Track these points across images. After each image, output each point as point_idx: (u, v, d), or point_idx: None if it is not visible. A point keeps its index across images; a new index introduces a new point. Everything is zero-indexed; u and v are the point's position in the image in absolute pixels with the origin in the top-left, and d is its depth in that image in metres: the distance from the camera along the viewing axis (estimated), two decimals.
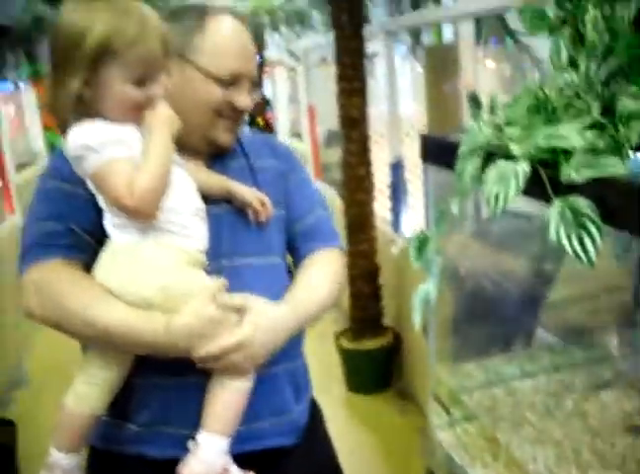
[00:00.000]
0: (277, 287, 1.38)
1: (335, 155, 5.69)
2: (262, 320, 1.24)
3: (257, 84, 1.42)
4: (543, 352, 1.74)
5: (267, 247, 1.41)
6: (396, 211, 3.85)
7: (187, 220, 1.23)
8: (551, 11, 1.21)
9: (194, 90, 1.33)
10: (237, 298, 1.23)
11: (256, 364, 1.25)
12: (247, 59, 1.38)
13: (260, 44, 8.65)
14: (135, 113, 1.19)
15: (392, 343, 3.76)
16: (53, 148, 9.69)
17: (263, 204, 1.39)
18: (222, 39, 1.35)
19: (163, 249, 1.19)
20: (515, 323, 1.94)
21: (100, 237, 1.26)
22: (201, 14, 1.36)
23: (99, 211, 1.25)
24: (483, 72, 4.16)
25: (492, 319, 1.91)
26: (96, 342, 1.23)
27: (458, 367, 1.69)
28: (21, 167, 7.08)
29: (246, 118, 1.45)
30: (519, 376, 1.60)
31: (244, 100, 1.36)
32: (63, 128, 1.18)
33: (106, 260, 1.22)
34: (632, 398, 1.46)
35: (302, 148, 6.31)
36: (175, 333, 1.17)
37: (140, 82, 1.17)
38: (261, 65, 8.88)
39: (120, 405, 1.31)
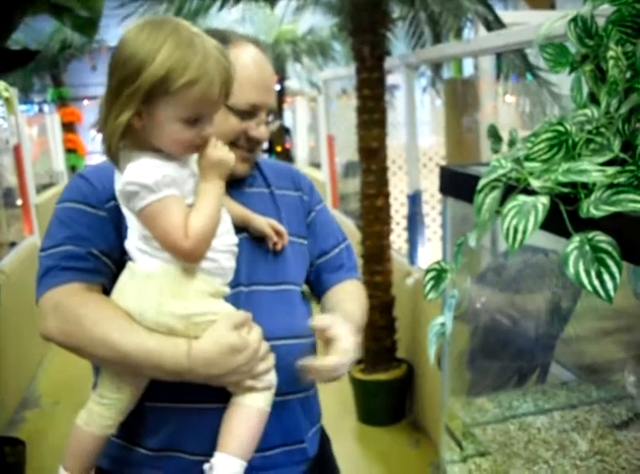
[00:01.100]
0: (292, 314, 1.38)
1: (352, 186, 5.73)
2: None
3: (275, 113, 1.42)
4: (558, 388, 1.72)
5: (283, 275, 1.41)
6: (413, 243, 3.85)
7: (218, 255, 1.22)
8: (572, 48, 1.21)
9: None
10: (232, 337, 1.20)
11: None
12: (266, 90, 1.36)
13: (281, 74, 8.75)
14: (187, 150, 1.18)
15: (405, 375, 3.74)
16: (74, 170, 9.83)
17: (279, 234, 1.39)
18: (242, 69, 1.31)
19: (188, 278, 1.19)
20: (529, 358, 1.92)
21: (118, 260, 1.26)
22: (223, 42, 1.31)
23: (118, 234, 1.25)
24: (502, 106, 4.18)
25: (506, 353, 1.90)
26: (115, 366, 1.22)
27: (471, 401, 1.67)
28: (41, 188, 7.16)
29: (265, 145, 1.46)
30: (532, 412, 1.58)
31: (260, 131, 1.35)
32: (110, 154, 1.16)
33: (127, 284, 1.22)
34: None
35: (321, 178, 6.35)
36: (195, 358, 1.17)
37: (193, 121, 1.14)
38: (281, 94, 8.94)
39: (131, 427, 1.30)
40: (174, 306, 1.17)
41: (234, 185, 1.41)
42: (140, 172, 1.12)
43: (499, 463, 1.42)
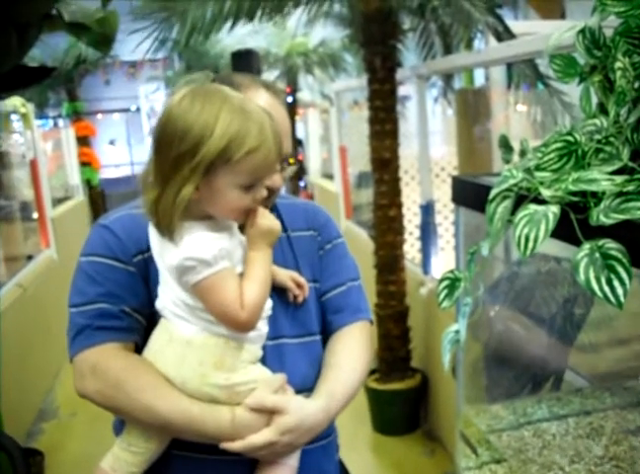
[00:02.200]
0: (317, 364, 1.38)
1: (365, 196, 5.75)
2: (292, 423, 1.21)
3: (290, 158, 1.37)
4: (572, 395, 1.72)
5: (306, 327, 1.40)
6: (426, 253, 3.86)
7: (259, 323, 1.22)
8: (581, 58, 1.23)
9: None
10: (270, 401, 1.21)
11: (283, 457, 1.24)
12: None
13: (293, 86, 8.79)
14: (241, 215, 1.18)
15: (420, 385, 3.74)
16: (89, 183, 9.89)
17: (300, 286, 1.38)
18: None
19: (230, 348, 1.19)
20: (543, 366, 1.93)
21: (147, 314, 1.27)
22: (233, 88, 1.24)
23: (147, 289, 1.27)
24: (514, 116, 4.20)
25: (520, 361, 1.91)
26: (155, 429, 1.22)
27: (486, 408, 1.68)
28: (57, 201, 7.22)
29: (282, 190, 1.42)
30: (547, 418, 1.59)
31: (274, 179, 1.30)
32: (169, 229, 1.13)
33: (166, 349, 1.21)
34: None
35: (333, 189, 6.37)
36: (240, 425, 1.18)
37: (249, 187, 1.14)
38: (293, 106, 8.96)
39: (158, 472, 1.30)
40: (217, 378, 1.17)
41: None
42: (198, 247, 1.11)
43: (514, 469, 1.43)
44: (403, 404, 3.80)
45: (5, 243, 5.13)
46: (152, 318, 1.26)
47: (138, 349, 1.26)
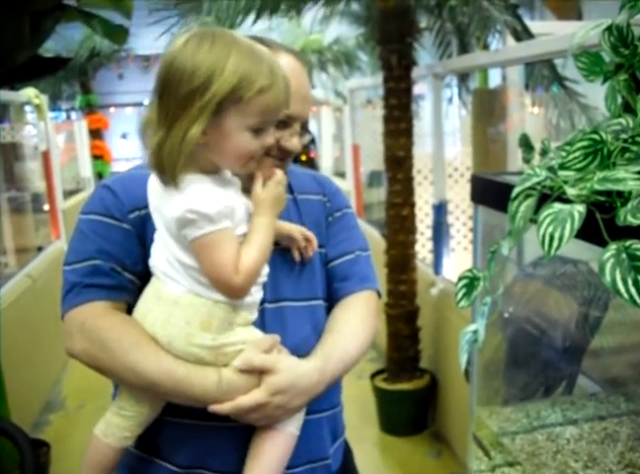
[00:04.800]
0: (320, 329, 1.35)
1: (376, 195, 5.73)
2: (283, 383, 1.18)
3: (307, 125, 1.37)
4: (586, 399, 1.70)
5: (309, 290, 1.37)
6: (437, 253, 3.84)
7: (252, 289, 1.19)
8: (607, 57, 1.21)
9: None
10: (259, 360, 1.18)
11: (278, 421, 1.21)
12: (302, 102, 1.30)
13: None
14: (248, 163, 1.15)
15: (428, 385, 3.72)
16: (101, 176, 9.93)
17: (308, 241, 1.35)
18: None
19: (218, 309, 1.16)
20: (556, 369, 1.91)
21: (142, 272, 1.24)
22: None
23: (143, 246, 1.24)
24: (529, 117, 4.17)
25: (533, 364, 1.89)
26: (141, 390, 1.20)
27: (499, 411, 1.66)
28: (69, 194, 7.23)
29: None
30: (561, 422, 1.57)
31: (293, 142, 1.29)
32: (173, 173, 1.09)
33: (154, 309, 1.19)
34: None
35: (345, 187, 6.36)
36: (226, 388, 1.16)
37: (257, 131, 1.11)
38: None
39: (152, 441, 1.28)
40: (203, 338, 1.15)
41: None
42: (203, 200, 1.08)
43: (528, 473, 1.41)
44: (411, 404, 3.77)
45: (16, 234, 5.13)
46: (147, 278, 1.23)
47: (131, 309, 1.24)
